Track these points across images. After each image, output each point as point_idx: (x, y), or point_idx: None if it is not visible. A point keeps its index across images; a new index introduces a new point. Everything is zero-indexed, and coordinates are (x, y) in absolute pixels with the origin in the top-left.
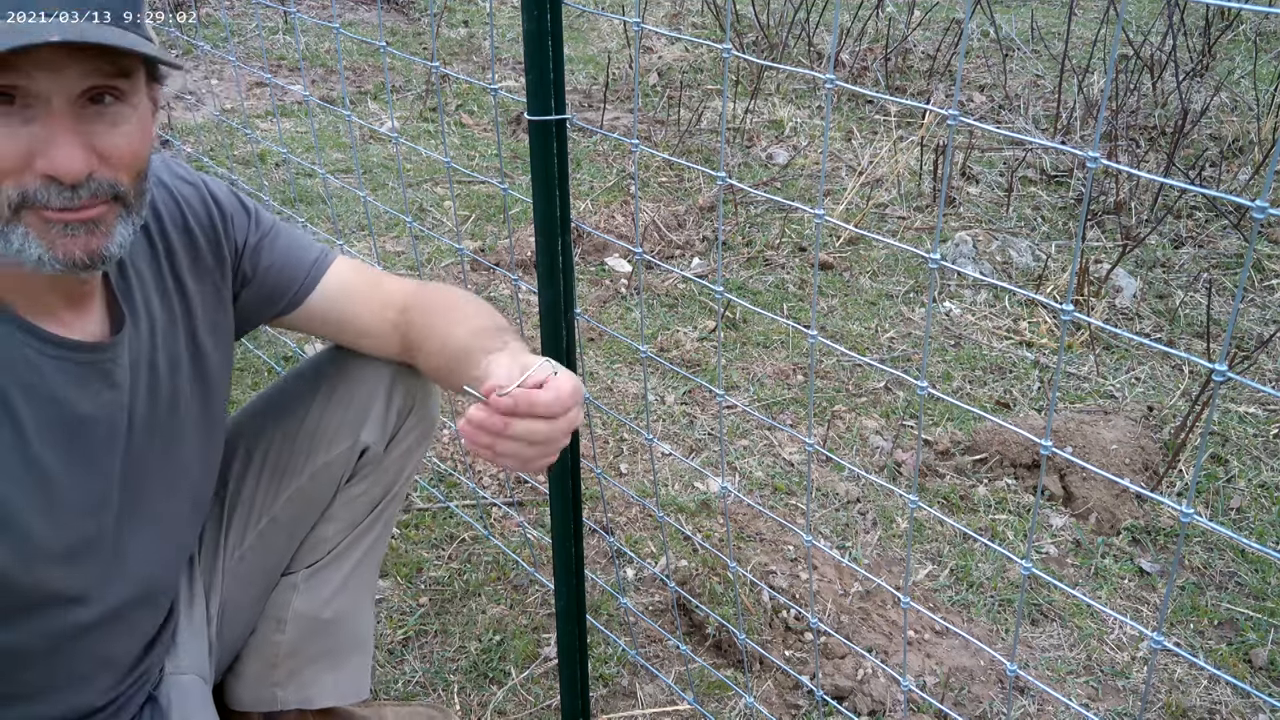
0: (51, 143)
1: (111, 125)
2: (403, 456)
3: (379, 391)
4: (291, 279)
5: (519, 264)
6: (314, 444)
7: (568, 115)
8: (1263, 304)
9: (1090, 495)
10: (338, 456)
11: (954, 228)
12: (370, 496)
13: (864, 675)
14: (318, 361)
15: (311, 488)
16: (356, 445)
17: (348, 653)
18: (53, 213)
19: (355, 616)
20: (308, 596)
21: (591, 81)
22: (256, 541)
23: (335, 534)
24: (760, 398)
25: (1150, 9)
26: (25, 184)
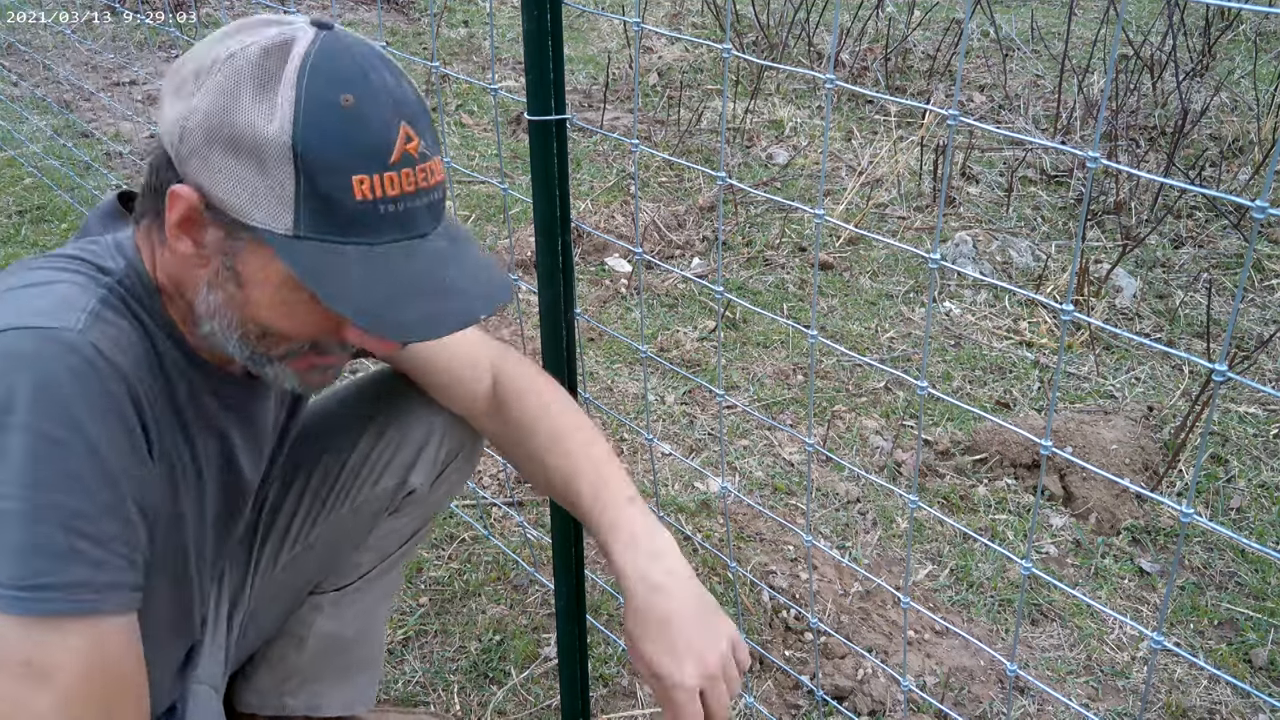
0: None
1: None
2: (443, 494)
3: (433, 435)
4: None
5: (519, 264)
6: (360, 478)
7: (568, 115)
8: (1263, 304)
9: (1090, 495)
10: (382, 493)
11: (954, 228)
12: (407, 530)
13: (864, 675)
14: (371, 391)
15: (351, 519)
16: (404, 486)
17: (360, 669)
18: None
19: (372, 637)
20: (332, 618)
21: (591, 81)
22: (289, 563)
23: (368, 562)
24: (760, 398)
25: (1150, 9)
26: (321, 341)
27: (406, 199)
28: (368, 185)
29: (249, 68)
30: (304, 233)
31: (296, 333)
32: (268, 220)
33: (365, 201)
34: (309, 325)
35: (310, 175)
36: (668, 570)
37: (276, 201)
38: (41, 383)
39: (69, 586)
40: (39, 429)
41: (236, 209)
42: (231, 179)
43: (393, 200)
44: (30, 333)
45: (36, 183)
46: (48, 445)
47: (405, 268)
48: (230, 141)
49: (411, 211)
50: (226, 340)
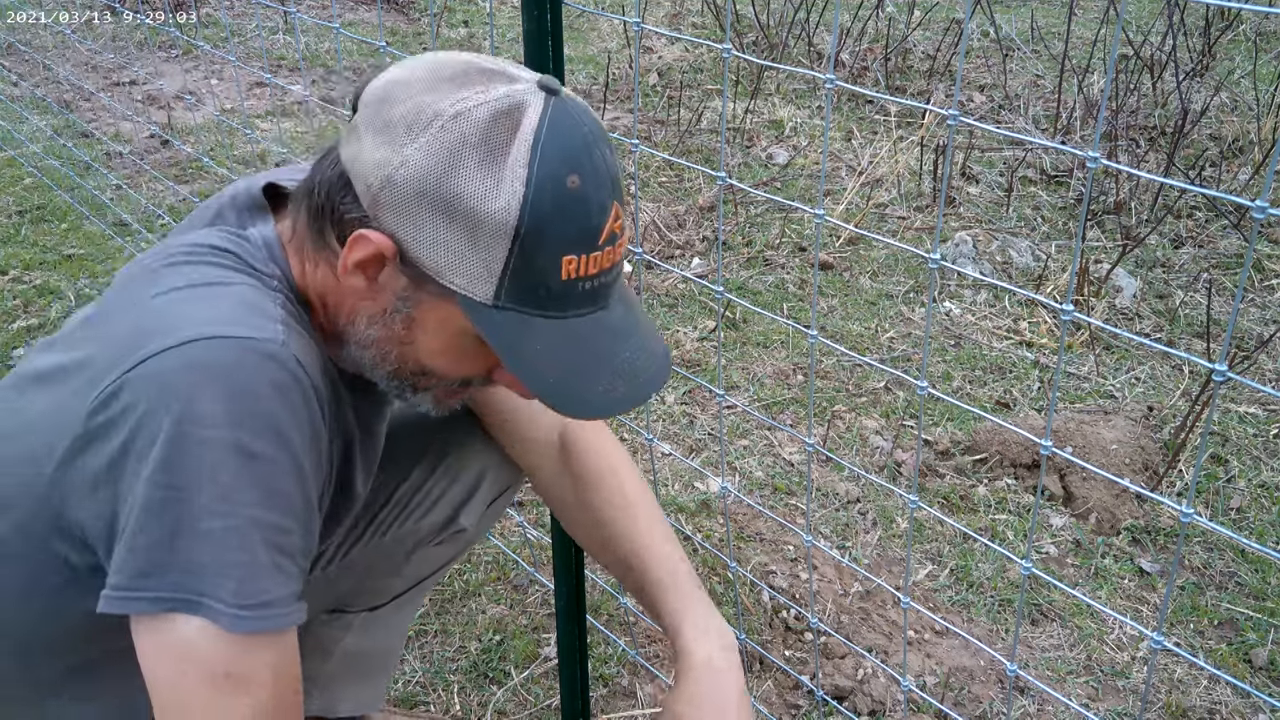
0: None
1: None
2: (482, 527)
3: (486, 474)
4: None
5: None
6: (409, 507)
7: None
8: (1263, 304)
9: (1090, 495)
10: (430, 526)
11: (954, 228)
12: (444, 558)
13: (864, 675)
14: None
15: (393, 546)
16: (453, 523)
17: (379, 673)
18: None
19: (394, 646)
20: (360, 636)
21: (591, 81)
22: (321, 578)
23: (401, 585)
24: (760, 398)
25: (1150, 9)
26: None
27: (603, 275)
28: (574, 265)
29: (476, 134)
30: (503, 304)
31: (455, 375)
32: (467, 286)
33: (569, 280)
34: (470, 370)
35: (525, 254)
36: (730, 664)
37: (482, 271)
38: (243, 395)
39: (282, 602)
40: (242, 444)
41: (434, 269)
42: (437, 241)
43: (591, 278)
44: (231, 343)
45: (36, 183)
46: (253, 461)
47: (589, 344)
48: (445, 205)
49: (604, 287)
50: (373, 370)
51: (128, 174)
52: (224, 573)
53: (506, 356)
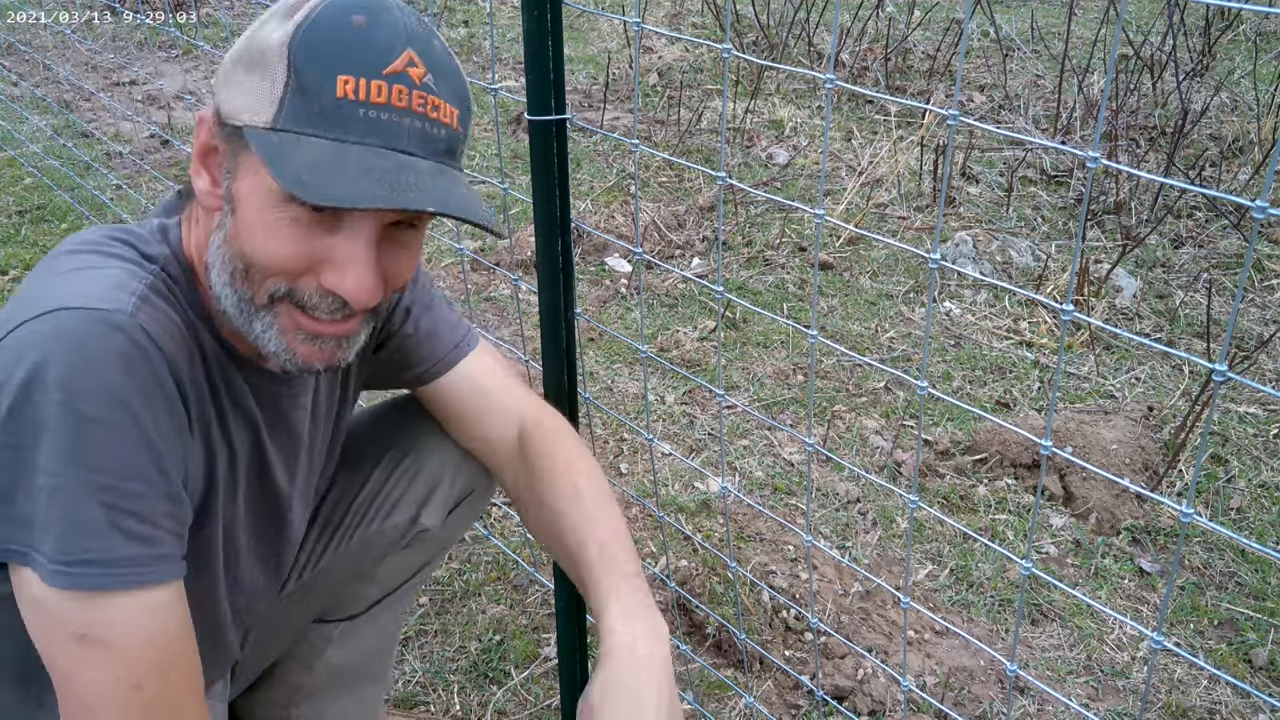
0: (352, 267)
1: (402, 249)
2: (451, 530)
3: (446, 472)
4: (427, 356)
5: (519, 264)
6: (372, 510)
7: (568, 115)
8: (1263, 304)
9: (1090, 495)
10: (393, 528)
11: (954, 228)
12: (416, 563)
13: (864, 675)
14: (390, 419)
15: (360, 551)
16: (416, 523)
17: (367, 682)
18: (310, 320)
19: (381, 658)
20: (342, 647)
21: (591, 81)
22: (296, 590)
23: (377, 593)
24: (760, 398)
25: (1150, 9)
26: (299, 286)
27: (394, 111)
28: (351, 86)
29: (284, 7)
30: (281, 125)
31: (275, 263)
32: (254, 117)
33: (346, 101)
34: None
35: (299, 71)
36: (653, 658)
37: (266, 99)
38: (86, 362)
39: (116, 562)
40: (79, 408)
41: (234, 113)
42: (239, 88)
43: (377, 107)
44: (81, 313)
45: (36, 183)
46: (89, 424)
47: (374, 160)
48: (247, 58)
49: (397, 126)
50: (223, 292)
51: (128, 174)
52: (46, 529)
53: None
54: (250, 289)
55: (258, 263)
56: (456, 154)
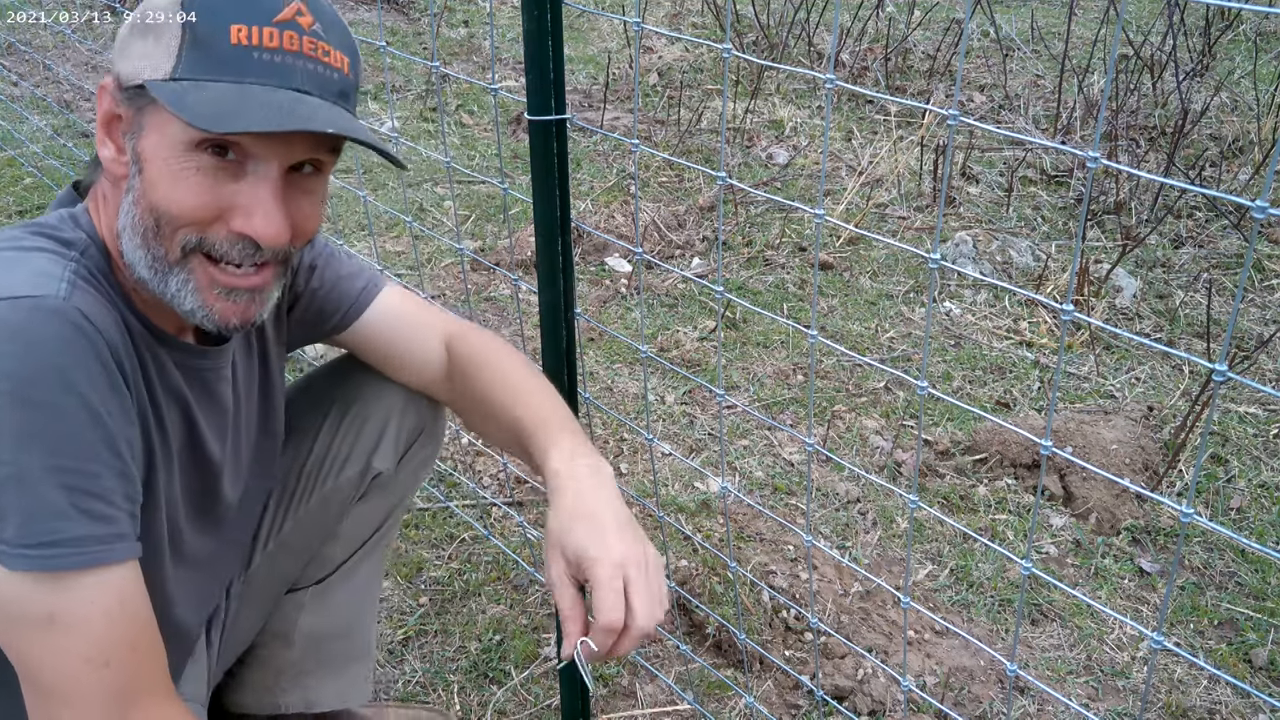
0: (260, 208)
1: (307, 195)
2: (411, 475)
3: (391, 416)
4: (340, 303)
5: (519, 264)
6: (324, 469)
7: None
8: (1263, 304)
9: (1090, 495)
10: (348, 480)
11: (954, 228)
12: (378, 515)
13: (864, 675)
14: (324, 381)
15: (320, 511)
16: (369, 471)
17: (351, 660)
18: (224, 273)
19: (360, 627)
20: (314, 613)
21: (591, 81)
22: (263, 563)
23: (342, 552)
24: (760, 398)
25: (1150, 9)
26: (210, 234)
27: (287, 55)
28: (244, 33)
29: None
30: (180, 75)
31: (184, 213)
32: (153, 73)
33: (240, 47)
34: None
35: (193, 23)
36: (601, 484)
37: (164, 55)
38: (28, 349)
39: (76, 542)
40: (28, 396)
41: (134, 75)
42: (135, 53)
43: (270, 51)
44: (14, 303)
45: (36, 183)
46: (39, 410)
47: (271, 95)
48: (141, 25)
49: (291, 68)
50: (136, 255)
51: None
52: (6, 516)
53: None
54: (162, 245)
55: (168, 214)
56: (350, 98)
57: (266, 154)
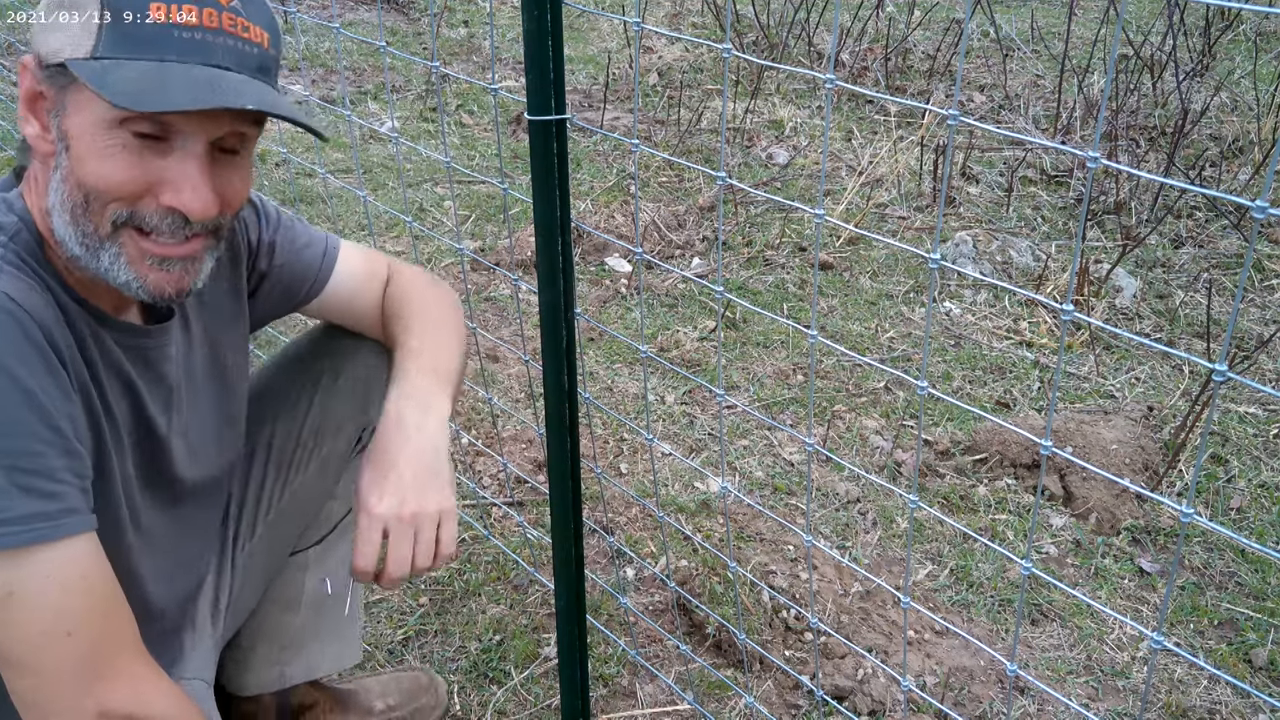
0: (188, 183)
1: (234, 169)
2: None
3: (378, 371)
4: (305, 274)
5: (519, 264)
6: (320, 434)
7: (568, 115)
8: (1263, 304)
9: (1090, 495)
10: (345, 440)
11: (954, 228)
12: None
13: (864, 675)
14: (310, 349)
15: (319, 475)
16: (367, 425)
17: (347, 624)
18: (155, 244)
19: (356, 588)
20: (319, 571)
21: (591, 81)
22: (266, 532)
23: (340, 509)
24: (760, 398)
25: (1150, 9)
26: (140, 208)
27: (208, 32)
28: (163, 11)
29: None
30: (100, 54)
31: (112, 188)
32: (74, 51)
33: (160, 25)
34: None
35: (112, 2)
36: (421, 426)
37: (84, 33)
38: None
39: (25, 519)
40: None
41: (54, 53)
42: (55, 30)
43: (190, 29)
44: None
45: None
46: None
47: (191, 72)
48: (60, 2)
49: (211, 45)
50: (67, 233)
51: None
52: None
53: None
54: (92, 220)
55: (96, 189)
56: (271, 73)
57: (192, 129)
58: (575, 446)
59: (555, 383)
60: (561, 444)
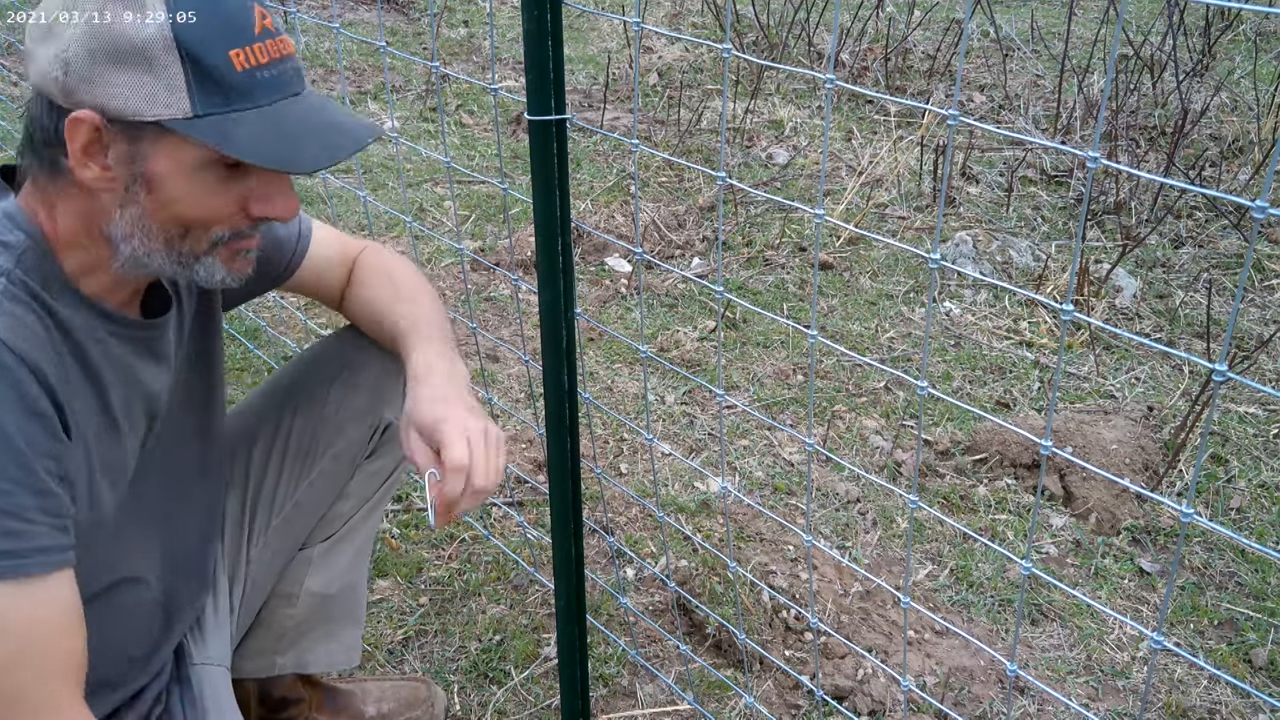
0: (279, 196)
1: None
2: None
3: (390, 370)
4: (280, 250)
5: (519, 264)
6: (337, 430)
7: (568, 115)
8: (1263, 304)
9: (1090, 495)
10: (359, 438)
11: (954, 228)
12: (386, 470)
13: (864, 675)
14: (331, 346)
15: (334, 470)
16: (379, 423)
17: (346, 624)
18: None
19: (357, 588)
20: (321, 571)
21: (591, 81)
22: (281, 525)
23: (350, 509)
24: (760, 398)
25: (1150, 9)
26: (235, 223)
27: (276, 64)
28: (243, 57)
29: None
30: (202, 111)
31: (213, 217)
32: (168, 111)
33: (245, 71)
34: (224, 206)
35: (195, 59)
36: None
37: (172, 92)
38: None
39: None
40: None
41: (136, 112)
42: (125, 87)
43: (266, 67)
44: None
45: None
46: None
47: (294, 114)
48: (115, 54)
49: (284, 74)
50: (150, 255)
51: None
52: None
53: (223, 145)
54: (190, 244)
55: (200, 221)
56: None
57: None
58: (575, 446)
59: (555, 383)
60: (561, 444)
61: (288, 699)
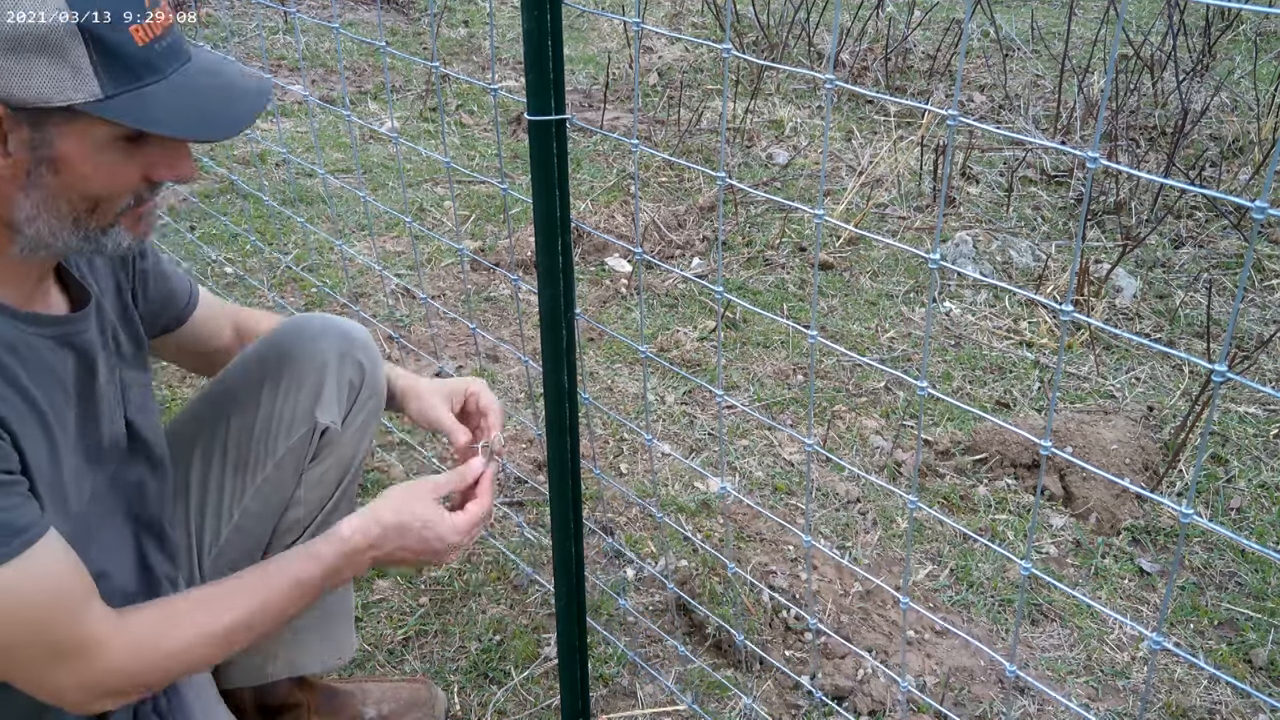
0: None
1: None
2: (358, 432)
3: (328, 370)
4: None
5: (519, 264)
6: (273, 433)
7: (568, 115)
8: (1263, 304)
9: (1090, 495)
10: (298, 441)
11: (954, 228)
12: (333, 475)
13: (864, 675)
14: (260, 350)
15: (276, 476)
16: (316, 428)
17: (331, 621)
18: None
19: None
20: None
21: (591, 81)
22: (232, 535)
23: (306, 515)
24: (760, 398)
25: (1150, 9)
26: (141, 193)
27: (168, 33)
28: (142, 32)
29: None
30: (113, 91)
31: (121, 189)
32: (79, 95)
33: (146, 45)
34: (130, 176)
35: (97, 40)
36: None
37: (79, 76)
38: None
39: None
40: None
41: (44, 99)
42: (27, 74)
43: (161, 37)
44: None
45: None
46: None
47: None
48: (13, 43)
49: (176, 41)
50: (55, 235)
51: None
52: None
53: (142, 123)
54: (96, 219)
55: (107, 195)
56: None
57: None
58: (575, 447)
59: (555, 383)
60: (561, 444)
61: (288, 703)
